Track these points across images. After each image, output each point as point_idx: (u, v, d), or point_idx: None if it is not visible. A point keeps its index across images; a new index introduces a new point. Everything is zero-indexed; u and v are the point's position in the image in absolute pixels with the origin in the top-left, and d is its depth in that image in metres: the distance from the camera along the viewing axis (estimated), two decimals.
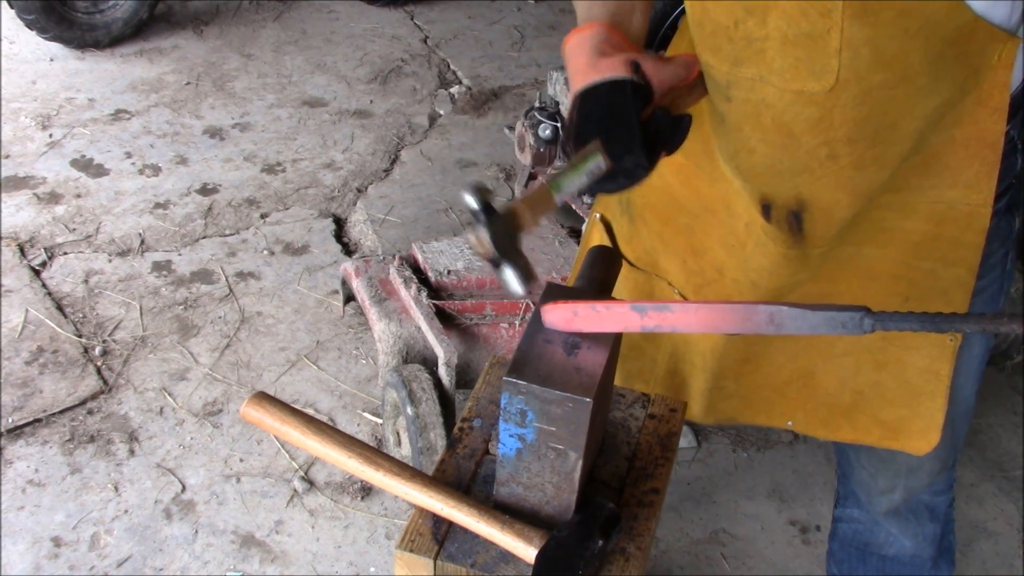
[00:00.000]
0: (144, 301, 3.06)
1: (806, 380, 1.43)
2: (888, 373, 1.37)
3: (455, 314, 2.39)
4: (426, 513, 1.11)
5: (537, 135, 2.74)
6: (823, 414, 1.45)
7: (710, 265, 1.35)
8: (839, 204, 1.15)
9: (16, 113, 4.12)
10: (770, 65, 1.05)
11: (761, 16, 1.02)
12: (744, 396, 1.49)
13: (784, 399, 1.47)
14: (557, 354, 1.04)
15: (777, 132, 1.10)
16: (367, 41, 5.05)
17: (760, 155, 1.14)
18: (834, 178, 1.12)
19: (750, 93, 1.09)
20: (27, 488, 2.40)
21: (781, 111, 1.08)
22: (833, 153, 1.09)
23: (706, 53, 1.12)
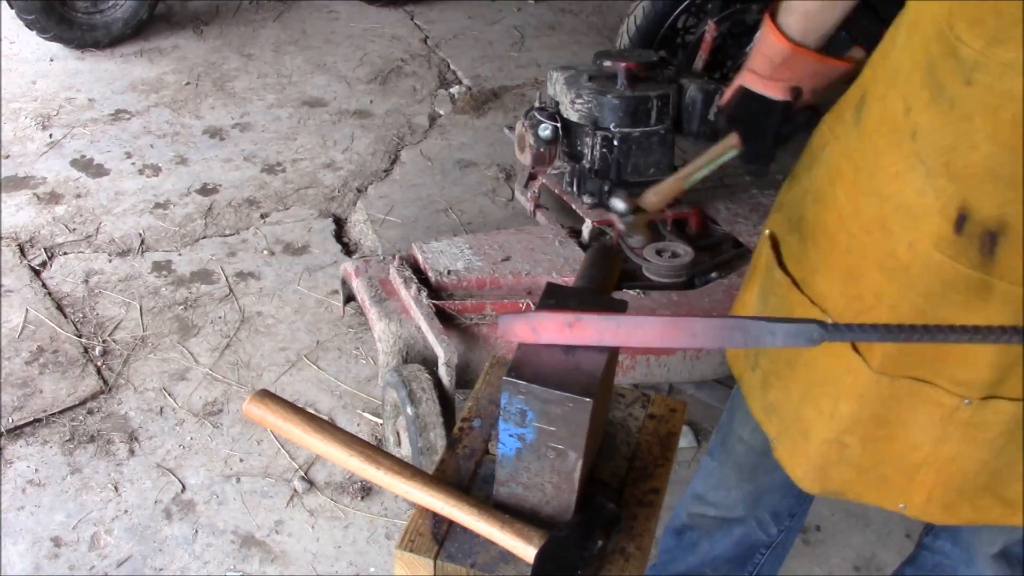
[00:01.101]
0: (144, 301, 3.06)
1: (943, 465, 1.28)
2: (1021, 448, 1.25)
3: (455, 314, 2.39)
4: (426, 513, 1.11)
5: (537, 135, 2.73)
6: (950, 499, 1.31)
7: (868, 290, 1.24)
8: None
9: (16, 113, 4.12)
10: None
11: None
12: (863, 467, 1.34)
13: (908, 481, 1.32)
14: (557, 354, 1.04)
15: (1012, 131, 0.99)
16: (367, 41, 5.05)
17: (982, 154, 1.04)
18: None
19: (998, 80, 0.98)
20: (27, 488, 2.40)
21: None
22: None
23: (961, 25, 1.00)
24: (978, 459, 1.27)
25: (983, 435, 1.24)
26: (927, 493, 1.32)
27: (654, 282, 2.56)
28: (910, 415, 1.26)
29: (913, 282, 1.17)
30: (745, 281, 1.54)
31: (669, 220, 2.74)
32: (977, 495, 1.31)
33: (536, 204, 3.01)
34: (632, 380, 2.46)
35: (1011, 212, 1.05)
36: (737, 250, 2.73)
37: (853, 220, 1.23)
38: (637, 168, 2.68)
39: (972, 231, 1.09)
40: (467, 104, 4.45)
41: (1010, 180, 1.03)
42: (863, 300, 1.24)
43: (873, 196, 1.19)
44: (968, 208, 1.08)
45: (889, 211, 1.16)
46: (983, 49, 0.98)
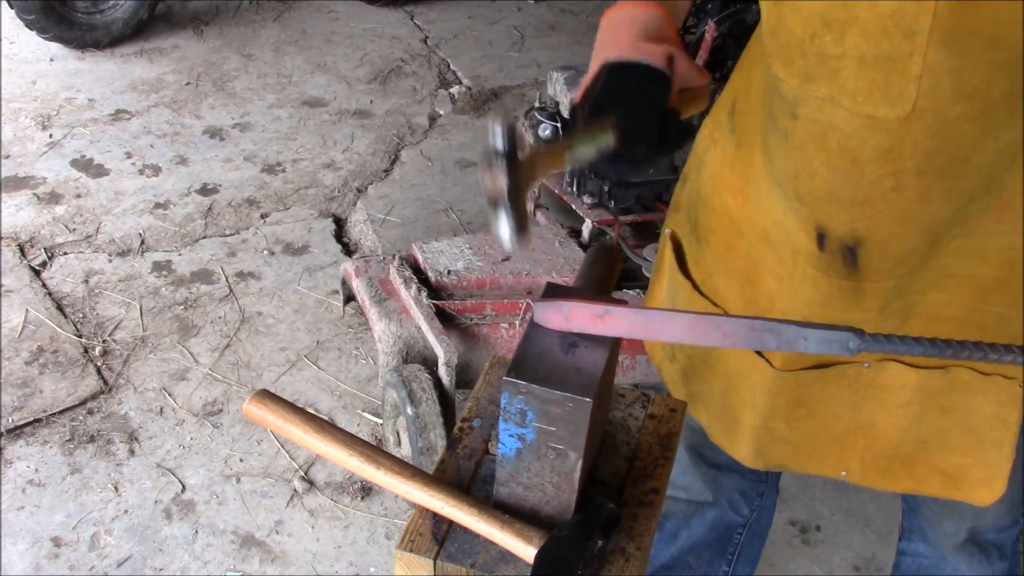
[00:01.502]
0: (144, 301, 3.06)
1: (865, 430, 1.34)
2: (953, 420, 1.29)
3: (455, 314, 2.39)
4: (426, 513, 1.11)
5: (537, 135, 2.74)
6: (882, 464, 1.37)
7: (763, 295, 1.28)
8: (897, 238, 1.09)
9: (16, 113, 4.12)
10: (843, 86, 0.98)
11: (840, 32, 0.95)
12: (796, 443, 1.39)
13: (840, 449, 1.38)
14: (557, 354, 1.04)
15: (842, 158, 1.03)
16: (367, 41, 5.05)
17: (821, 179, 1.07)
18: (896, 211, 1.05)
19: (818, 113, 1.02)
20: (27, 488, 2.40)
21: (849, 135, 1.01)
22: (899, 184, 1.03)
23: (776, 64, 1.05)
24: (897, 425, 1.31)
25: (893, 398, 1.29)
26: (860, 458, 1.37)
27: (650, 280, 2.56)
28: (821, 392, 1.32)
29: (796, 290, 1.21)
30: (653, 277, 1.57)
31: None
32: (911, 463, 1.35)
33: (536, 204, 3.02)
34: (632, 380, 2.46)
35: (862, 227, 1.08)
36: None
37: (749, 227, 1.26)
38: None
39: (832, 247, 1.12)
40: (467, 104, 4.45)
41: (852, 200, 1.06)
42: (758, 304, 1.29)
43: (757, 208, 1.23)
44: (824, 227, 1.12)
45: (769, 224, 1.21)
46: (799, 86, 1.02)
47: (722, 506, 1.75)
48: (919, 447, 1.33)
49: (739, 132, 1.25)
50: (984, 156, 1.01)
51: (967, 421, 1.28)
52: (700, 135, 1.38)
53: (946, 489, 1.35)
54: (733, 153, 1.27)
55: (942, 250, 1.13)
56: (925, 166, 1.00)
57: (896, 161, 1.00)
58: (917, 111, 0.95)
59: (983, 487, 1.32)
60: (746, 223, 1.27)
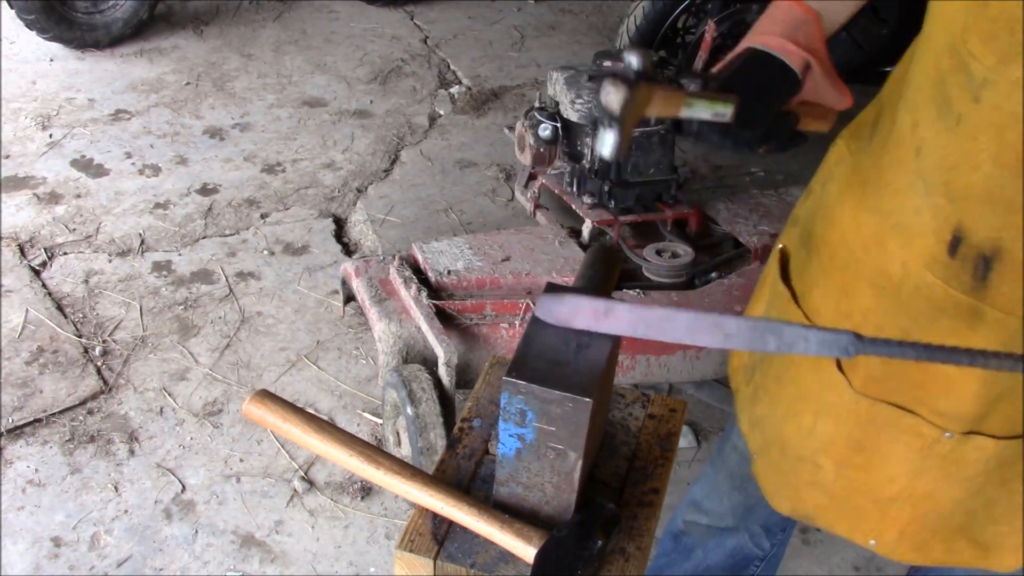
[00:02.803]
0: (144, 301, 3.06)
1: (917, 501, 1.26)
2: (1006, 489, 1.23)
3: (455, 314, 2.39)
4: (426, 513, 1.11)
5: (537, 135, 2.73)
6: (922, 538, 1.29)
7: (857, 308, 1.22)
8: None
9: (16, 113, 4.12)
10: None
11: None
12: (835, 495, 1.31)
13: (881, 516, 1.29)
14: (557, 354, 1.04)
15: (1015, 154, 0.97)
16: (367, 41, 5.05)
17: (982, 175, 1.01)
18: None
19: (1005, 100, 0.96)
20: (27, 488, 2.40)
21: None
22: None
23: (974, 39, 0.97)
24: (954, 498, 1.25)
25: (961, 472, 1.22)
26: (899, 530, 1.30)
27: (654, 282, 2.56)
28: (888, 444, 1.24)
29: (903, 303, 1.15)
30: (755, 292, 1.54)
31: (669, 220, 2.74)
32: (951, 536, 1.28)
33: (536, 204, 3.02)
34: (632, 380, 2.46)
35: (1007, 237, 1.03)
36: (737, 250, 2.73)
37: (853, 236, 1.22)
38: (637, 168, 2.68)
39: (966, 254, 1.07)
40: (467, 104, 4.45)
41: (1009, 204, 1.01)
42: (852, 318, 1.23)
43: (874, 213, 1.17)
44: (964, 230, 1.06)
45: (887, 228, 1.15)
46: (994, 66, 0.96)
47: (743, 537, 1.72)
48: (967, 519, 1.27)
49: (879, 136, 1.20)
50: None
51: (1017, 490, 1.23)
52: (834, 148, 1.35)
53: (976, 559, 1.30)
54: (866, 161, 1.23)
55: None
56: None
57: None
58: None
59: (1011, 554, 1.28)
60: (854, 231, 1.22)
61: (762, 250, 2.64)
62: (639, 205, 2.73)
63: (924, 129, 1.08)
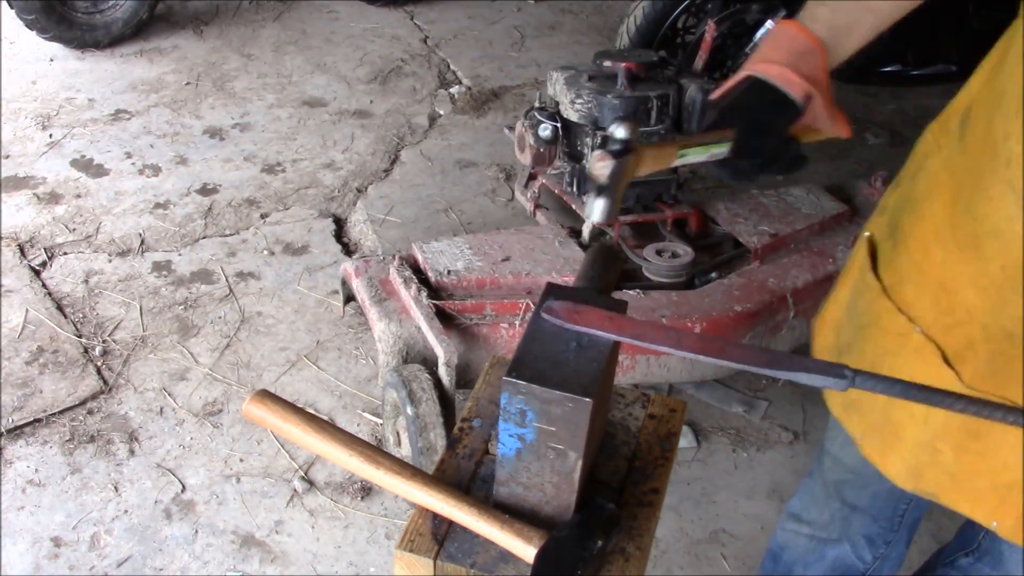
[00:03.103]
0: (144, 301, 3.06)
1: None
2: None
3: (455, 314, 2.39)
4: (426, 513, 1.11)
5: (537, 135, 2.73)
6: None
7: (960, 306, 1.21)
8: None
9: (16, 113, 4.12)
10: None
11: None
12: (956, 476, 1.31)
13: (999, 501, 1.30)
14: (557, 354, 1.04)
15: None
16: (367, 41, 5.05)
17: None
18: None
19: None
20: (27, 488, 2.40)
21: None
22: None
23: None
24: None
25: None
26: (1017, 516, 1.30)
27: (654, 282, 2.56)
28: (1001, 433, 1.24)
29: (1006, 304, 1.15)
30: (840, 278, 1.52)
31: (669, 220, 2.74)
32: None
33: (536, 204, 3.01)
34: (632, 380, 2.46)
35: None
36: (737, 250, 2.73)
37: (949, 234, 1.21)
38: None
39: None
40: (467, 104, 4.45)
41: None
42: (954, 315, 1.22)
43: (969, 215, 1.17)
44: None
45: (983, 233, 1.15)
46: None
47: (845, 548, 1.70)
48: None
49: (969, 137, 1.19)
50: None
51: None
52: (923, 140, 1.34)
53: None
54: (957, 159, 1.22)
55: None
56: None
57: None
58: None
59: None
60: (949, 230, 1.21)
61: (762, 250, 2.64)
62: (639, 205, 2.73)
63: (1014, 143, 1.08)
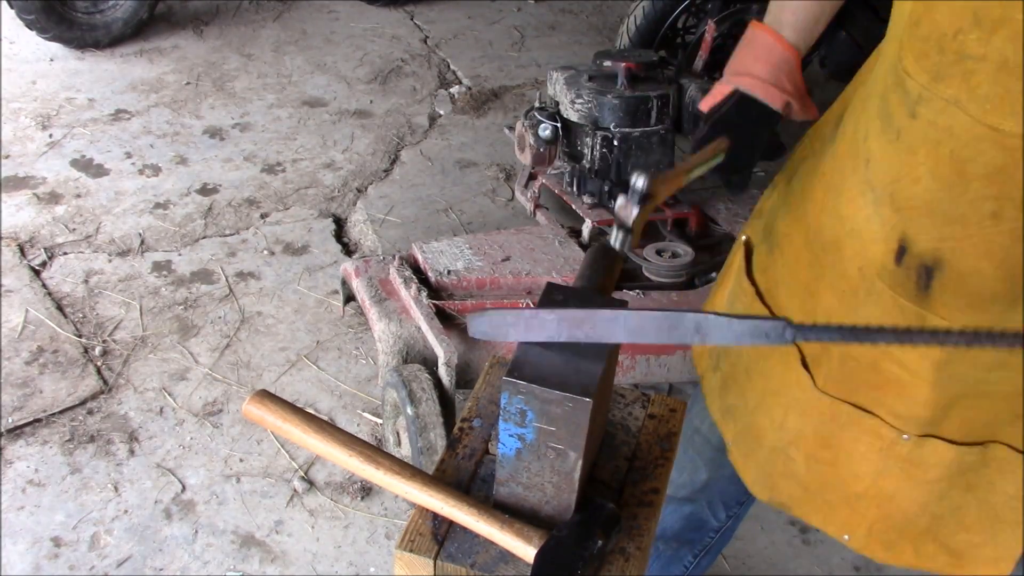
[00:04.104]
0: (144, 301, 3.06)
1: (883, 500, 1.29)
2: (973, 497, 1.24)
3: (455, 314, 2.39)
4: (426, 513, 1.11)
5: (537, 135, 2.73)
6: (889, 537, 1.31)
7: (821, 310, 1.26)
8: (978, 274, 1.05)
9: (16, 113, 4.12)
10: (973, 90, 0.94)
11: (988, 31, 0.91)
12: (807, 487, 1.35)
13: (850, 512, 1.33)
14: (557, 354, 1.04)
15: (950, 167, 1.00)
16: (367, 41, 5.05)
17: (923, 187, 1.04)
18: (985, 242, 1.02)
19: (939, 116, 0.99)
20: (27, 488, 2.40)
21: (964, 144, 0.98)
22: (998, 212, 0.99)
23: (909, 58, 1.01)
24: (918, 500, 1.26)
25: (923, 475, 1.24)
26: (868, 527, 1.32)
27: (654, 282, 2.56)
28: (851, 443, 1.27)
29: (858, 307, 1.18)
30: (718, 281, 1.56)
31: (669, 220, 2.74)
32: (919, 539, 1.30)
33: (536, 204, 3.02)
34: (632, 380, 2.46)
35: (947, 248, 1.06)
36: None
37: (816, 238, 1.25)
38: (637, 168, 2.68)
39: (910, 263, 1.10)
40: (467, 104, 4.45)
41: (947, 216, 1.04)
42: (815, 317, 1.26)
43: (834, 217, 1.21)
44: (907, 240, 1.09)
45: (844, 234, 1.18)
46: (927, 84, 0.99)
47: (701, 505, 1.74)
48: (933, 523, 1.28)
49: (839, 141, 1.23)
50: None
51: (987, 499, 1.24)
52: (801, 145, 1.38)
53: (949, 566, 1.30)
54: (827, 162, 1.25)
55: (1022, 313, 1.07)
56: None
57: (1004, 184, 0.97)
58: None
59: (990, 566, 1.28)
60: (816, 233, 1.25)
61: None
62: None
63: (872, 140, 1.11)
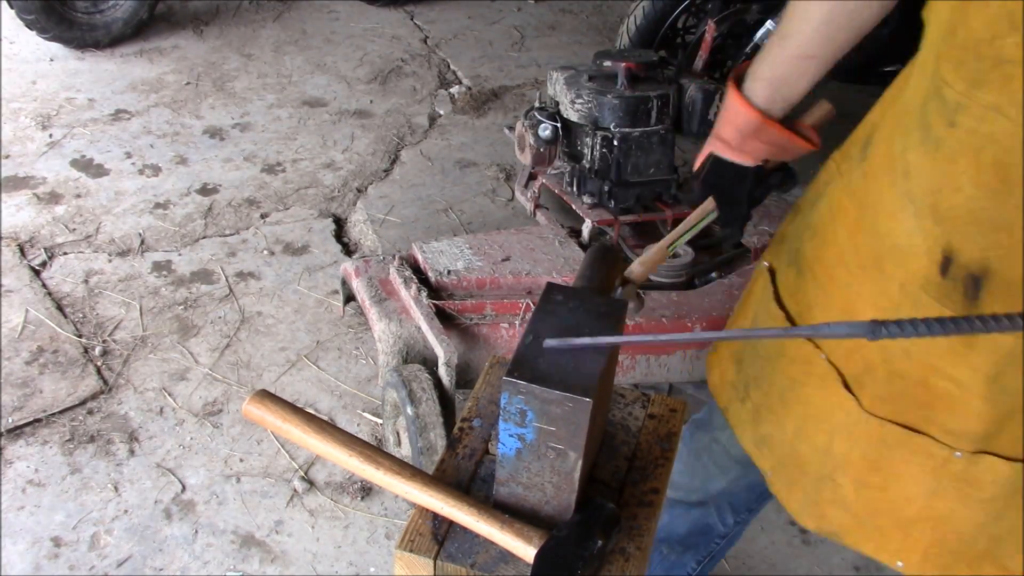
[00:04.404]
0: (144, 301, 3.06)
1: (937, 523, 1.25)
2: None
3: (455, 314, 2.39)
4: (426, 513, 1.11)
5: (537, 135, 2.73)
6: (946, 561, 1.28)
7: None
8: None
9: (16, 113, 4.12)
10: (1013, 95, 0.93)
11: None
12: (857, 514, 1.31)
13: (904, 536, 1.29)
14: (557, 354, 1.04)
15: (994, 174, 0.99)
16: (367, 41, 5.05)
17: (965, 196, 1.03)
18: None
19: (980, 123, 0.98)
20: (27, 488, 2.40)
21: (1007, 150, 0.97)
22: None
23: (946, 67, 1.00)
24: (974, 520, 1.24)
25: (978, 493, 1.22)
26: (923, 552, 1.29)
27: (654, 282, 2.56)
28: (902, 464, 1.25)
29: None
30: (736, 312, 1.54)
31: (669, 220, 2.74)
32: (976, 562, 1.27)
33: (536, 204, 3.02)
34: (632, 380, 2.46)
35: (994, 257, 1.04)
36: (737, 250, 2.73)
37: (852, 257, 1.23)
38: (637, 168, 2.68)
39: (956, 274, 1.08)
40: (467, 104, 4.45)
41: (992, 223, 1.03)
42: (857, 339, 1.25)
43: (871, 234, 1.19)
44: (952, 251, 1.07)
45: (884, 250, 1.17)
46: (965, 91, 0.98)
47: (709, 510, 1.73)
48: (992, 545, 1.25)
49: (871, 159, 1.21)
50: None
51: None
52: (825, 169, 1.36)
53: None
54: (858, 182, 1.24)
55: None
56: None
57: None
58: None
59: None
60: (852, 252, 1.23)
61: (762, 250, 2.64)
62: (639, 205, 2.73)
63: (911, 152, 1.10)
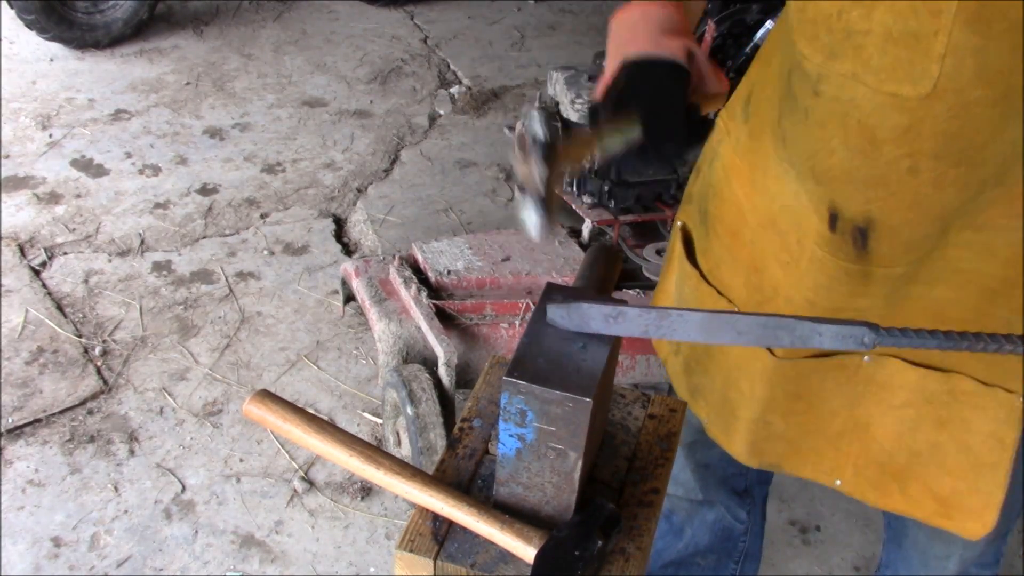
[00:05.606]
0: (144, 301, 3.06)
1: (860, 432, 1.33)
2: (949, 435, 1.27)
3: (455, 314, 2.39)
4: (426, 513, 1.11)
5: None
6: (875, 474, 1.35)
7: (768, 282, 1.29)
8: (909, 223, 1.10)
9: (16, 113, 4.12)
10: (867, 63, 0.99)
11: (867, 7, 0.96)
12: (791, 440, 1.38)
13: (835, 451, 1.36)
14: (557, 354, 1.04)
15: (861, 136, 1.04)
16: (367, 41, 5.05)
17: (839, 158, 1.08)
18: (910, 195, 1.06)
19: (840, 90, 1.03)
20: (27, 488, 2.40)
21: (869, 113, 1.02)
22: (914, 167, 1.03)
23: (802, 41, 1.05)
24: (892, 429, 1.30)
25: (890, 398, 1.28)
26: (853, 465, 1.36)
27: (654, 282, 2.56)
28: (819, 385, 1.32)
29: (802, 276, 1.22)
30: (663, 268, 1.58)
31: (669, 220, 2.74)
32: (903, 478, 1.33)
33: None
34: (632, 380, 2.46)
35: (875, 209, 1.10)
36: None
37: (752, 215, 1.28)
38: (637, 168, 2.68)
39: (844, 229, 1.13)
40: (467, 104, 4.45)
41: (868, 180, 1.08)
42: (763, 292, 1.30)
43: (763, 195, 1.24)
44: (837, 208, 1.12)
45: (777, 210, 1.22)
46: (823, 63, 1.03)
47: (720, 510, 1.75)
48: (913, 459, 1.31)
49: (753, 120, 1.26)
50: (1000, 144, 1.01)
51: (963, 438, 1.26)
52: (715, 128, 1.40)
53: (937, 515, 1.32)
54: (745, 142, 1.28)
55: (952, 240, 1.13)
56: (942, 149, 1.01)
57: (914, 142, 1.01)
58: (938, 91, 0.96)
59: (975, 518, 1.29)
60: (751, 211, 1.28)
61: None
62: (639, 205, 2.73)
63: (785, 120, 1.15)
